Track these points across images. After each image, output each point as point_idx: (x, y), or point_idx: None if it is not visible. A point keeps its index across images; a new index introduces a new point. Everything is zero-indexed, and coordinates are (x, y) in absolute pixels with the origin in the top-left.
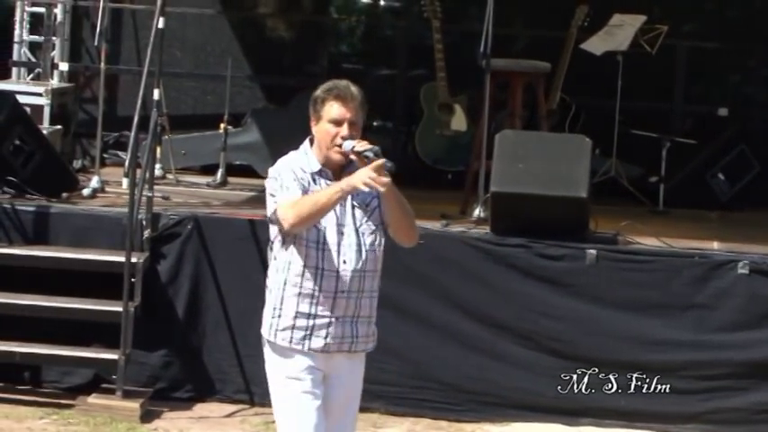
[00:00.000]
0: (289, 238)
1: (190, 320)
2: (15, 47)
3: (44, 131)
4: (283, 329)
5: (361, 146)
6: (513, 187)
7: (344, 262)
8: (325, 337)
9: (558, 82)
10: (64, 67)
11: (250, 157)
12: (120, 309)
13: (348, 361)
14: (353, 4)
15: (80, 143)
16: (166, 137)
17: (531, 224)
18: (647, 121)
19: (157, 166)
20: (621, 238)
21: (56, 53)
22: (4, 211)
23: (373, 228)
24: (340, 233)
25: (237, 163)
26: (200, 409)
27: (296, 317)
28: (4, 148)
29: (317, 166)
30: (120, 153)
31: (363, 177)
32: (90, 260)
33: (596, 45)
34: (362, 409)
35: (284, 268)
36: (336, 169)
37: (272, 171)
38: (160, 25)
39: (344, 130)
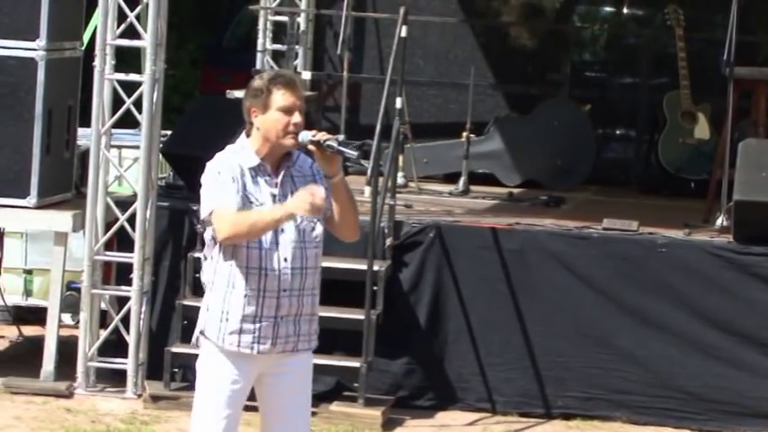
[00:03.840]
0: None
1: (431, 328)
2: (258, 55)
3: None
4: (231, 333)
5: (322, 136)
6: (756, 196)
7: (285, 260)
8: (273, 338)
9: None
10: (306, 75)
11: (493, 165)
12: (362, 317)
13: (291, 359)
14: (597, 12)
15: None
16: (409, 145)
17: None
18: None
19: (399, 174)
20: None
21: (298, 62)
22: None
23: (314, 224)
24: (280, 230)
25: (480, 171)
26: (442, 417)
27: (243, 320)
28: None
29: (256, 161)
30: (362, 161)
31: (305, 204)
32: (332, 268)
33: None
34: (604, 418)
35: (228, 271)
36: (275, 163)
37: (210, 167)
38: (403, 34)
39: (297, 117)
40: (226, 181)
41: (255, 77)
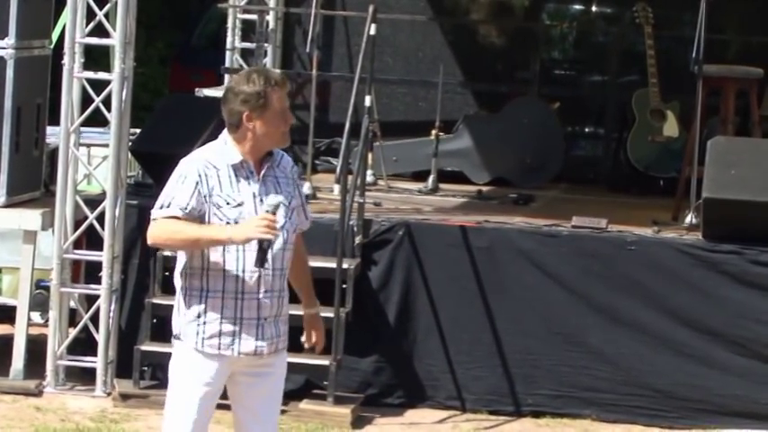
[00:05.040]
0: None
1: (401, 326)
2: (227, 54)
3: None
4: (210, 337)
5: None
6: (725, 193)
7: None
8: (256, 339)
9: None
10: None
11: (462, 163)
12: (332, 315)
13: (272, 360)
14: (566, 10)
15: (292, 150)
16: (378, 143)
17: (744, 230)
18: None
19: (369, 172)
20: None
21: (267, 60)
22: None
23: (296, 226)
24: None
25: (449, 169)
26: (412, 415)
27: (222, 323)
28: None
29: (238, 158)
30: (331, 159)
31: (258, 226)
32: None
33: None
34: (574, 416)
35: (201, 274)
36: (259, 160)
37: (180, 166)
38: (372, 32)
39: (290, 115)
40: (186, 187)
41: (242, 81)
